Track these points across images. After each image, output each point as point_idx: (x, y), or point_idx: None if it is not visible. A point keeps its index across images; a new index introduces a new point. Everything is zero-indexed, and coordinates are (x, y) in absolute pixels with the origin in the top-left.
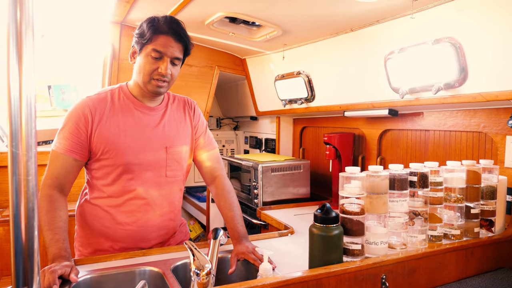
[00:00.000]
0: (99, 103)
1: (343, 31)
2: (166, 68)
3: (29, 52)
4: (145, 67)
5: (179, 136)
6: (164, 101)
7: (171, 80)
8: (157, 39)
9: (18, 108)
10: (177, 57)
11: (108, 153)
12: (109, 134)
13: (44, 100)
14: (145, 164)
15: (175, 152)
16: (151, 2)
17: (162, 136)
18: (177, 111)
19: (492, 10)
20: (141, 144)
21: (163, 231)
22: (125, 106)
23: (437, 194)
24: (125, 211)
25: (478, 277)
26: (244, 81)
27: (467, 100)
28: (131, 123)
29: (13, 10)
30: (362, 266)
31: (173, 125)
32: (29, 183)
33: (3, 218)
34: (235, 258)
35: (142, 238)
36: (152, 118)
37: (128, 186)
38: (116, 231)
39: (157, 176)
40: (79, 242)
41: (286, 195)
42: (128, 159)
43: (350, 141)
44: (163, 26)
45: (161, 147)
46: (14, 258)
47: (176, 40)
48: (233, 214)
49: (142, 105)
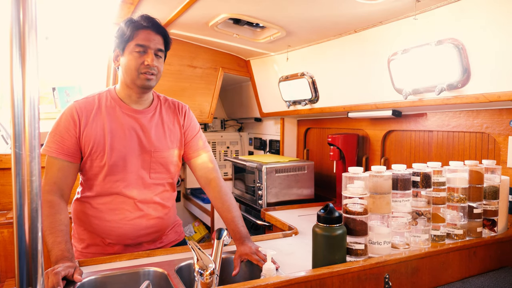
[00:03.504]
0: (85, 106)
1: (347, 33)
2: (152, 60)
3: (32, 54)
4: (131, 63)
5: (166, 140)
6: (153, 104)
7: (158, 73)
8: (137, 34)
9: (22, 110)
10: (159, 48)
11: (95, 154)
12: (95, 135)
13: (49, 102)
14: (130, 166)
15: (160, 156)
16: (155, 4)
17: (147, 139)
18: (167, 114)
19: (494, 11)
20: (126, 147)
21: (151, 229)
22: (111, 109)
23: (440, 194)
24: (112, 209)
25: (481, 276)
26: (248, 82)
27: (470, 100)
28: (116, 125)
29: (16, 12)
30: (365, 266)
31: (160, 129)
32: (32, 183)
33: (7, 220)
34: (239, 260)
35: (129, 236)
36: (138, 122)
37: (115, 186)
38: (105, 228)
39: (141, 178)
40: (75, 238)
41: (290, 196)
42: (113, 161)
43: (354, 142)
44: (141, 22)
45: (145, 150)
46: (18, 259)
47: (156, 32)
48: (233, 216)
49: (129, 108)
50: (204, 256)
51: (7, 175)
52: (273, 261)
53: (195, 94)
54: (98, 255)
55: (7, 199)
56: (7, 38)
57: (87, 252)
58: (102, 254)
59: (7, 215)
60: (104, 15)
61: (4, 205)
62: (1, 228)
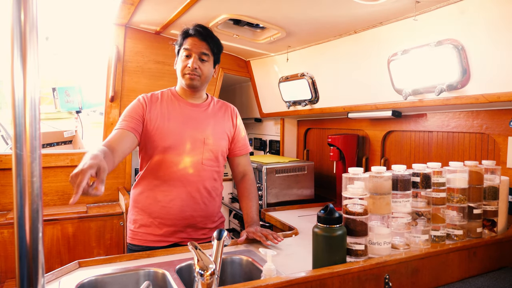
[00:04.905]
0: (151, 97)
1: (347, 33)
2: (193, 62)
3: (33, 55)
4: (179, 66)
5: (218, 132)
6: (207, 101)
7: (202, 74)
8: (186, 41)
9: (22, 110)
10: (203, 52)
11: (155, 135)
12: (156, 119)
13: (49, 102)
14: (185, 149)
15: (212, 144)
16: (155, 5)
17: (202, 127)
18: (219, 111)
19: (494, 12)
20: (182, 131)
21: (198, 212)
22: (171, 101)
23: (439, 195)
24: (163, 191)
25: (480, 276)
26: (248, 83)
27: (470, 101)
28: (175, 113)
29: (17, 12)
30: (366, 266)
31: (212, 121)
32: (33, 184)
33: (7, 220)
34: (245, 233)
35: (177, 216)
36: (193, 112)
37: (169, 167)
38: (156, 208)
39: (195, 162)
40: (130, 219)
41: (290, 197)
42: (170, 142)
43: (354, 142)
44: (190, 31)
45: (200, 136)
46: (19, 260)
47: (200, 39)
48: (252, 204)
49: (186, 102)
50: (205, 257)
51: (7, 175)
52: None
53: None
54: (147, 235)
55: (7, 199)
56: (8, 39)
57: (137, 231)
58: (152, 234)
59: (7, 215)
60: (104, 15)
61: (4, 206)
62: (1, 228)
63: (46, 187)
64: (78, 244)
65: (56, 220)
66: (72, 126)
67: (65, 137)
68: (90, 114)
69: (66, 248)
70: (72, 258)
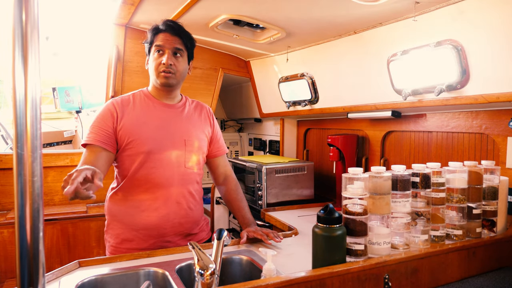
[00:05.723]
0: (122, 103)
1: (347, 34)
2: (168, 59)
3: (35, 55)
4: (152, 64)
5: (196, 132)
6: (182, 101)
7: (177, 71)
8: (157, 38)
9: (24, 110)
10: (177, 47)
11: (132, 143)
12: (131, 126)
13: (49, 102)
14: (166, 153)
15: (193, 145)
16: (155, 5)
17: (181, 129)
18: (195, 112)
19: (493, 13)
20: (161, 135)
21: (185, 218)
22: (145, 104)
23: (439, 195)
24: (147, 199)
25: (480, 276)
26: (248, 83)
27: (469, 101)
28: (150, 116)
29: (19, 12)
30: (365, 266)
31: (190, 122)
32: (34, 184)
33: (8, 220)
34: (245, 233)
35: (164, 225)
36: (170, 114)
37: (151, 173)
38: (140, 219)
39: (177, 166)
40: (109, 234)
41: (290, 197)
42: (149, 147)
43: (353, 142)
44: (160, 26)
45: (180, 138)
46: (19, 259)
47: (172, 34)
48: (243, 205)
49: (160, 103)
50: (205, 257)
51: (8, 175)
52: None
53: (195, 94)
54: (132, 250)
55: (7, 199)
56: (9, 39)
57: (120, 247)
58: (136, 249)
59: (7, 215)
60: (104, 15)
61: (4, 205)
62: (1, 228)
63: (46, 187)
64: (78, 244)
65: (56, 220)
66: (72, 126)
67: (65, 137)
68: (90, 114)
69: (66, 248)
70: (72, 258)
